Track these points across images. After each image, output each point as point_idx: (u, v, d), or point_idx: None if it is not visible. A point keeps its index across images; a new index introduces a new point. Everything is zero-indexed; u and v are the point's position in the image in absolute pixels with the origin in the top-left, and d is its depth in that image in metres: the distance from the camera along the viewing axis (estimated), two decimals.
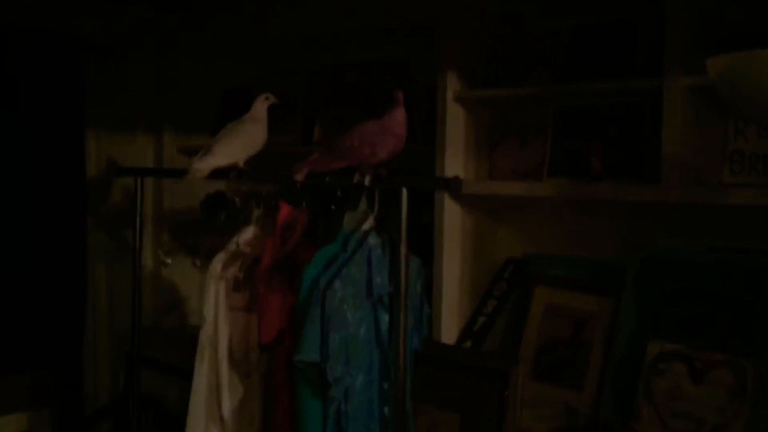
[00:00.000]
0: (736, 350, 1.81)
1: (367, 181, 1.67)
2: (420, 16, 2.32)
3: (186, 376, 2.10)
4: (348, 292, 1.67)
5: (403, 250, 1.61)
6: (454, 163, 2.30)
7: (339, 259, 1.70)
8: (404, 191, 1.62)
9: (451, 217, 2.29)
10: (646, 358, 1.95)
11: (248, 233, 1.99)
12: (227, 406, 1.97)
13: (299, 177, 1.76)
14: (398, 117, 1.70)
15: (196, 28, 3.07)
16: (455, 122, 2.30)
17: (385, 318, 1.71)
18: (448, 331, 2.33)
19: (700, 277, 1.96)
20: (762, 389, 1.75)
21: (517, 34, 2.38)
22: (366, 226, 1.74)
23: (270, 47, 3.11)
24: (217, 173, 1.97)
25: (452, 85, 2.28)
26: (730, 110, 1.81)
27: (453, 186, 1.65)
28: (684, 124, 1.84)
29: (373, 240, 1.72)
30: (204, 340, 1.96)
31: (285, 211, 1.89)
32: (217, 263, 1.96)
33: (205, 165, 1.92)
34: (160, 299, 3.17)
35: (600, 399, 2.03)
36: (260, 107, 2.07)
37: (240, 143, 1.98)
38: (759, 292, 1.83)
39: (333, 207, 1.82)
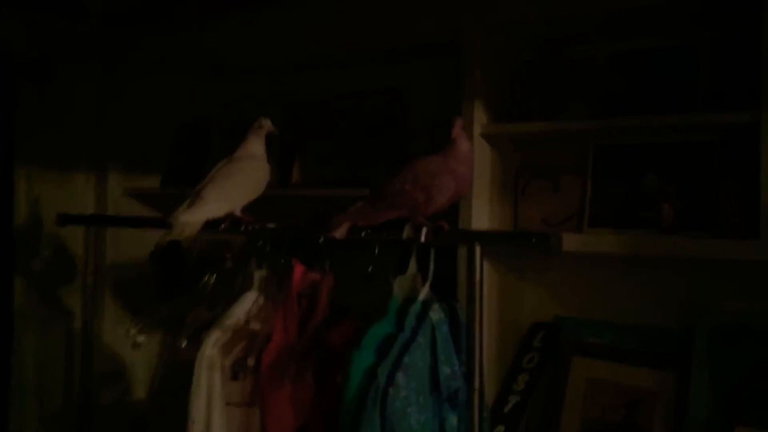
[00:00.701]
0: None
1: (423, 236, 1.27)
2: (441, 38, 1.96)
3: None
4: (412, 389, 1.24)
5: (477, 330, 1.21)
6: (481, 210, 1.93)
7: (397, 341, 1.28)
8: (477, 249, 1.22)
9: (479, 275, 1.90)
10: None
11: (249, 303, 1.53)
12: None
13: (339, 234, 1.33)
14: (461, 151, 1.31)
15: (148, 48, 2.61)
16: (482, 162, 1.93)
17: (452, 421, 1.29)
18: None
19: None
20: None
21: (548, 60, 2.04)
22: (423, 295, 1.33)
23: (236, 72, 2.69)
24: (208, 225, 1.51)
25: (479, 118, 1.92)
26: None
27: (554, 245, 1.26)
28: None
29: (435, 315, 1.31)
30: None
31: (299, 273, 1.46)
32: (211, 346, 1.48)
33: (195, 217, 1.46)
34: (96, 370, 2.63)
35: None
36: (256, 139, 1.64)
37: (237, 186, 1.54)
38: None
39: (370, 270, 1.40)
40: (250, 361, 1.43)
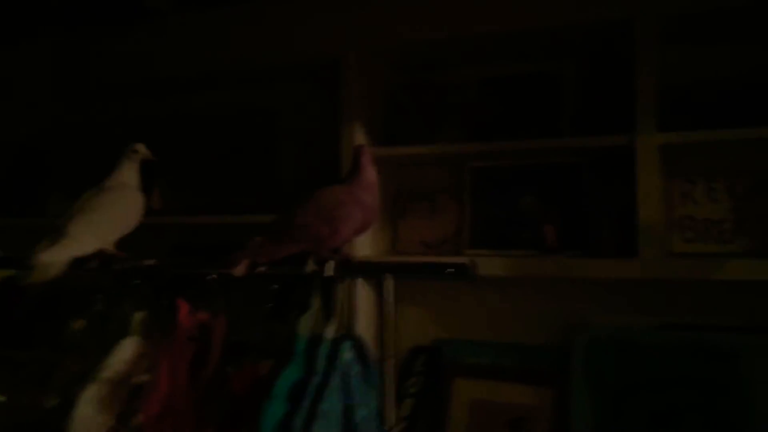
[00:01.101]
0: None
1: (328, 269, 1.20)
2: (318, 61, 1.90)
3: None
4: None
5: (391, 366, 1.15)
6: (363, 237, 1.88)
7: (309, 387, 1.18)
8: (389, 282, 1.17)
9: (362, 302, 1.85)
10: None
11: (128, 350, 1.37)
12: None
13: (238, 272, 1.22)
14: (367, 180, 1.25)
15: None
16: None
17: None
18: None
19: (662, 361, 1.73)
20: None
21: (422, 84, 2.04)
22: (329, 332, 1.24)
23: (81, 88, 2.47)
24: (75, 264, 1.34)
25: (357, 141, 1.87)
26: None
27: (471, 273, 1.23)
28: (660, 188, 1.61)
29: (347, 354, 1.23)
30: None
31: (185, 313, 1.33)
32: (86, 403, 1.29)
33: (60, 256, 1.28)
34: None
35: None
36: (130, 165, 1.49)
37: (109, 219, 1.38)
38: (733, 375, 1.63)
39: (270, 306, 1.30)
40: (137, 419, 1.27)
